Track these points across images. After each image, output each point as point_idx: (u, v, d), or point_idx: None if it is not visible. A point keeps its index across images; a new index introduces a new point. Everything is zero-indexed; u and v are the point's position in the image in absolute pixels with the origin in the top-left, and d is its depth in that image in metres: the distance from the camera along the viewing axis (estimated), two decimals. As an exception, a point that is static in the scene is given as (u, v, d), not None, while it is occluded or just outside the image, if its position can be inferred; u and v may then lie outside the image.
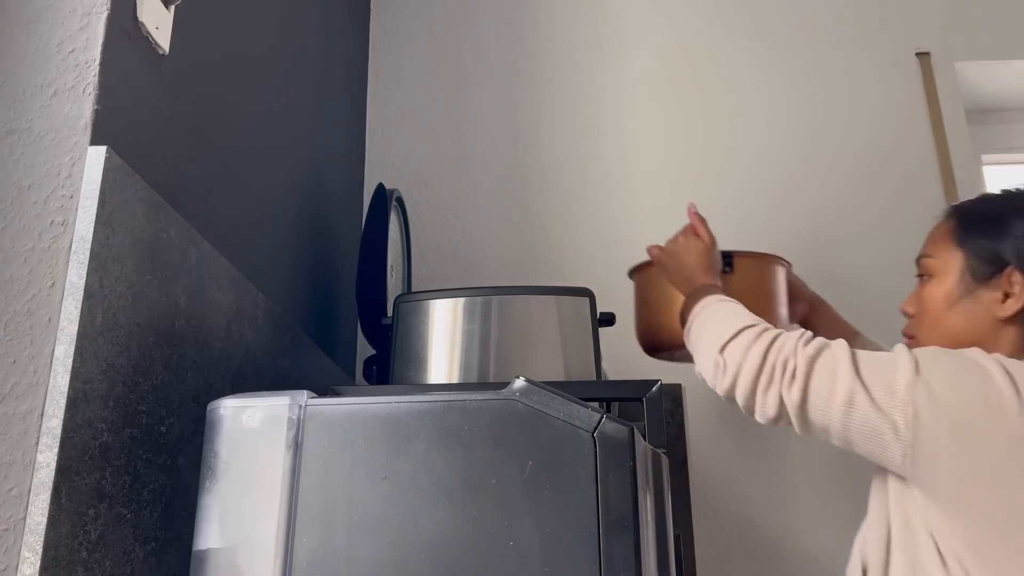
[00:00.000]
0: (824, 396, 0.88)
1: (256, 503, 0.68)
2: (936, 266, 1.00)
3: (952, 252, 0.99)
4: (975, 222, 0.99)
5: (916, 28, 1.91)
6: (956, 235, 0.99)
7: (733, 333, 0.97)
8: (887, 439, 0.85)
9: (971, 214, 1.01)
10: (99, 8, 0.75)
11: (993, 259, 0.95)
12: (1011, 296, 0.93)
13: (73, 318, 0.66)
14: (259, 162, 1.15)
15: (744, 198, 1.79)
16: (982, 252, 0.96)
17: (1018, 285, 0.93)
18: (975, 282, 0.96)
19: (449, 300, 1.13)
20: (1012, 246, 0.94)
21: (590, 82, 1.88)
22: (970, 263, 0.97)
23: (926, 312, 1.00)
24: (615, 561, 0.64)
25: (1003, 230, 0.95)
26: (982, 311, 0.95)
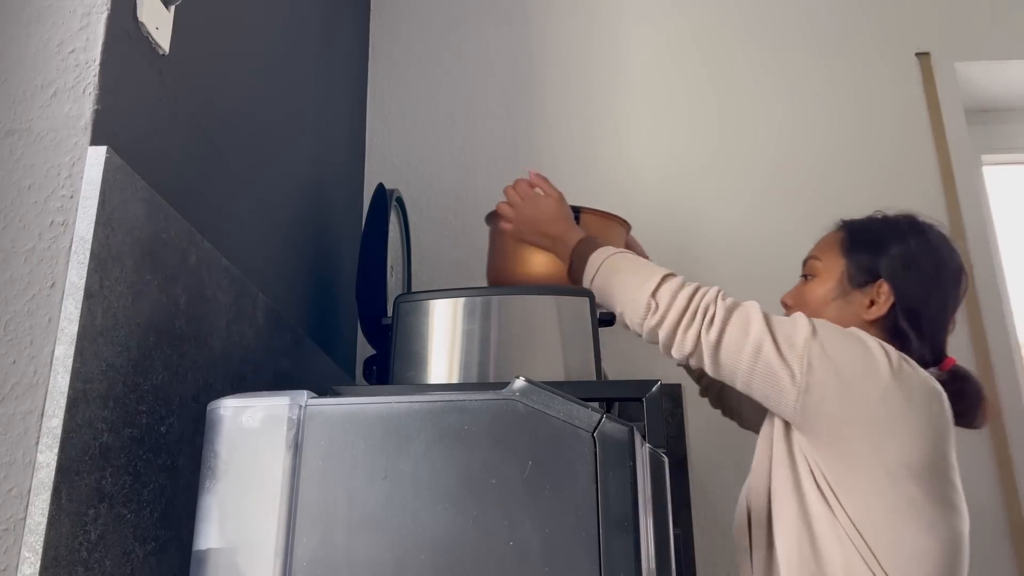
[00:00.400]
0: (736, 340, 1.01)
1: (256, 503, 0.68)
2: (821, 268, 1.16)
3: (837, 259, 1.15)
4: (861, 238, 1.15)
5: (916, 28, 1.91)
6: (843, 246, 1.15)
7: (660, 279, 1.08)
8: (784, 384, 0.98)
9: (859, 231, 1.17)
10: (99, 8, 0.75)
11: (869, 271, 1.12)
12: (876, 303, 1.10)
13: (73, 318, 0.66)
14: (259, 162, 1.15)
15: (744, 197, 1.79)
16: (862, 264, 1.12)
17: (884, 295, 1.10)
18: (851, 287, 1.12)
19: (449, 300, 1.13)
20: (887, 263, 1.11)
21: (590, 82, 1.88)
22: (850, 271, 1.13)
23: (805, 305, 1.15)
24: (615, 561, 0.64)
25: (882, 249, 1.12)
26: (852, 312, 1.11)
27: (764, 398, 1.00)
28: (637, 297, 1.07)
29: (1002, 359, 1.66)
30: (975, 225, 1.75)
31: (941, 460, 0.97)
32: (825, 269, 1.15)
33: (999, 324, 1.68)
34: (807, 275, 1.18)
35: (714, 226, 1.77)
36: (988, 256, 1.74)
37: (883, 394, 0.96)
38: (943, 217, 1.77)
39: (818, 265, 1.16)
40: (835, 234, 1.18)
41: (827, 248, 1.17)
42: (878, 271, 1.11)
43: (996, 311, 1.69)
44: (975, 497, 1.40)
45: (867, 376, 0.97)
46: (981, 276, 1.71)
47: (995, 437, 1.61)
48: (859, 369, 0.97)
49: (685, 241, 1.76)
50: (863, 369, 0.97)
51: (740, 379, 1.01)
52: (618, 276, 1.12)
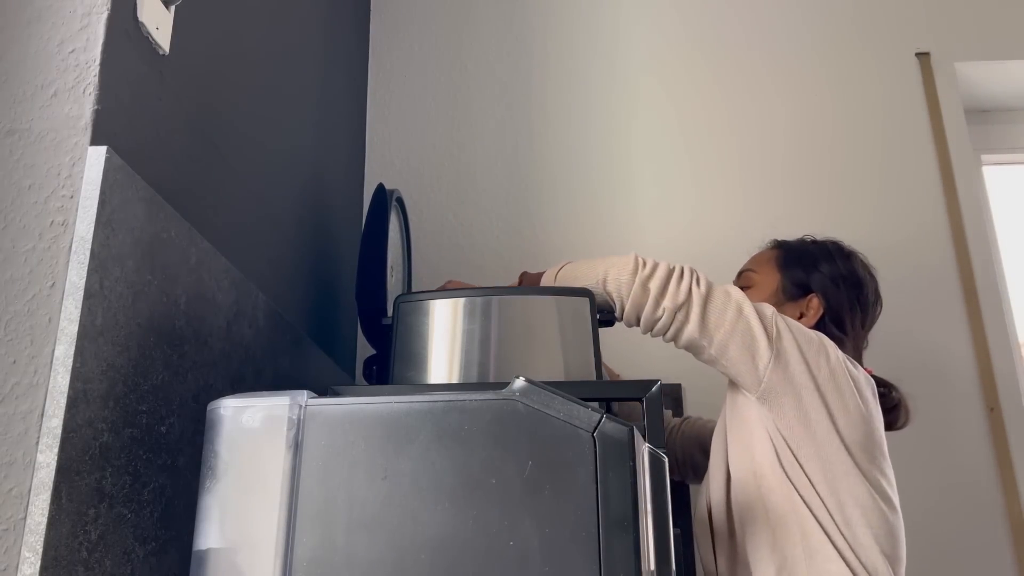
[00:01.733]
0: (722, 300, 1.08)
1: (256, 503, 0.68)
2: (757, 280, 1.27)
3: (772, 273, 1.26)
4: (794, 256, 1.26)
5: (916, 28, 1.91)
6: (778, 262, 1.27)
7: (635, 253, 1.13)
8: (761, 346, 1.05)
9: (792, 250, 1.28)
10: (99, 8, 0.75)
11: (801, 285, 1.24)
12: (805, 316, 1.21)
13: (73, 318, 0.66)
14: (259, 162, 1.15)
15: (744, 197, 1.79)
16: (795, 278, 1.24)
17: (813, 309, 1.22)
18: (784, 299, 1.23)
19: (449, 300, 1.13)
20: (818, 279, 1.23)
21: (590, 82, 1.89)
22: (784, 284, 1.24)
23: None
24: (615, 561, 0.64)
25: (813, 266, 1.24)
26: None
27: (735, 361, 1.06)
28: (623, 260, 1.12)
29: (1002, 359, 1.66)
30: (975, 225, 1.75)
31: (878, 448, 1.08)
32: (761, 281, 1.26)
33: (999, 324, 1.68)
34: (743, 286, 1.25)
35: (713, 224, 1.77)
36: (988, 256, 1.74)
37: (832, 371, 1.07)
38: (943, 217, 1.77)
39: (754, 277, 1.27)
40: (770, 251, 1.30)
41: (763, 263, 1.28)
42: (809, 286, 1.23)
43: (996, 311, 1.69)
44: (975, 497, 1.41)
45: (819, 353, 1.08)
46: (981, 276, 1.71)
47: (995, 437, 1.61)
48: (814, 346, 1.08)
49: (684, 235, 1.76)
50: (816, 347, 1.08)
51: (718, 341, 1.06)
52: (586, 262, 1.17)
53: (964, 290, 1.71)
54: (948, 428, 1.63)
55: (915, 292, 1.71)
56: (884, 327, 1.27)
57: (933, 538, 1.55)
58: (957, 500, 1.58)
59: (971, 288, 1.70)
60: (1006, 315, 1.73)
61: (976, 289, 1.70)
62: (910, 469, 1.60)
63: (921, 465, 1.60)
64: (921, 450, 1.60)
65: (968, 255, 1.73)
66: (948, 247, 1.74)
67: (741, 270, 1.31)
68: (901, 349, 1.64)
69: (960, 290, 1.71)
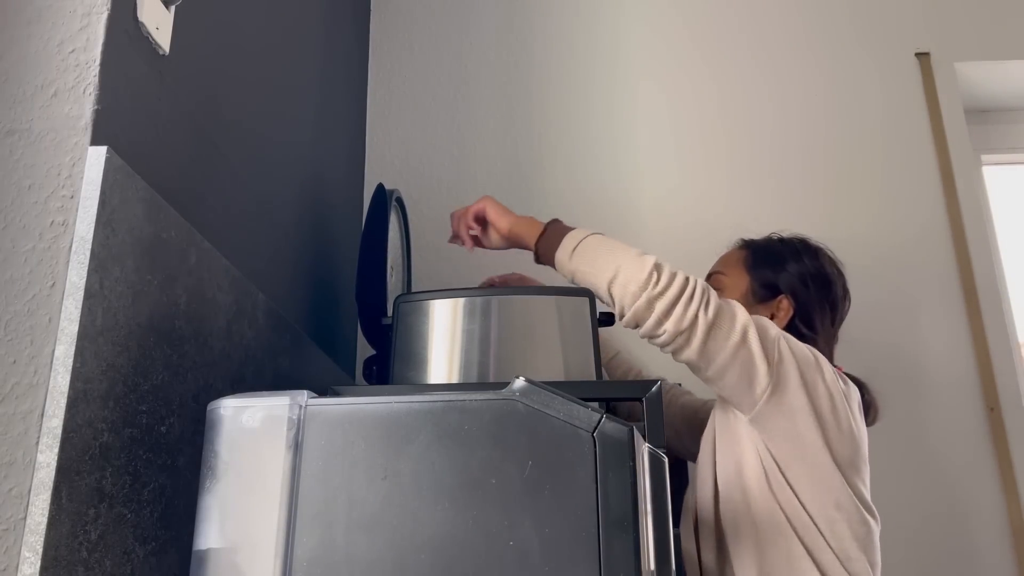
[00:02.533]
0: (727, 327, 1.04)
1: (256, 503, 0.68)
2: (727, 283, 1.25)
3: (742, 276, 1.25)
4: (762, 256, 1.25)
5: (916, 28, 1.92)
6: (747, 263, 1.26)
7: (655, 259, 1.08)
8: (760, 374, 1.03)
9: (761, 250, 1.27)
10: (99, 8, 0.75)
11: (771, 287, 1.23)
12: (775, 317, 1.20)
13: (73, 318, 0.66)
14: (259, 162, 1.15)
15: (743, 197, 1.79)
16: (764, 280, 1.23)
17: (783, 310, 1.21)
18: (754, 301, 1.22)
19: (449, 300, 1.13)
20: (786, 279, 1.22)
21: (590, 81, 1.88)
22: (753, 286, 1.23)
23: None
24: (615, 561, 0.64)
25: (781, 266, 1.23)
26: None
27: (731, 386, 1.05)
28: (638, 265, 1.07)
29: (1002, 359, 1.66)
30: (975, 225, 1.75)
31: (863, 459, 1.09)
32: (731, 284, 1.25)
33: (999, 324, 1.68)
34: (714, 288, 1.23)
35: (713, 224, 1.77)
36: (988, 256, 1.74)
37: (828, 390, 1.07)
38: (943, 217, 1.77)
39: (724, 280, 1.26)
40: (738, 252, 1.29)
41: (731, 265, 1.27)
42: (779, 287, 1.22)
43: (996, 311, 1.69)
44: (975, 497, 1.41)
45: (817, 373, 1.07)
46: (981, 276, 1.71)
47: (995, 437, 1.61)
48: (812, 368, 1.07)
49: (684, 234, 1.76)
50: (814, 368, 1.07)
51: (716, 365, 1.04)
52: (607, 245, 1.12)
53: (964, 290, 1.71)
54: (948, 428, 1.63)
55: (915, 292, 1.71)
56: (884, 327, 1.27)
57: (933, 538, 1.55)
58: (957, 500, 1.58)
59: (971, 288, 1.70)
60: (1006, 315, 1.73)
61: (976, 289, 1.70)
62: (910, 469, 1.60)
63: (921, 465, 1.60)
64: (921, 450, 1.60)
65: (968, 255, 1.73)
66: (948, 247, 1.74)
67: (710, 272, 1.30)
68: (901, 349, 1.64)
69: (960, 290, 1.71)
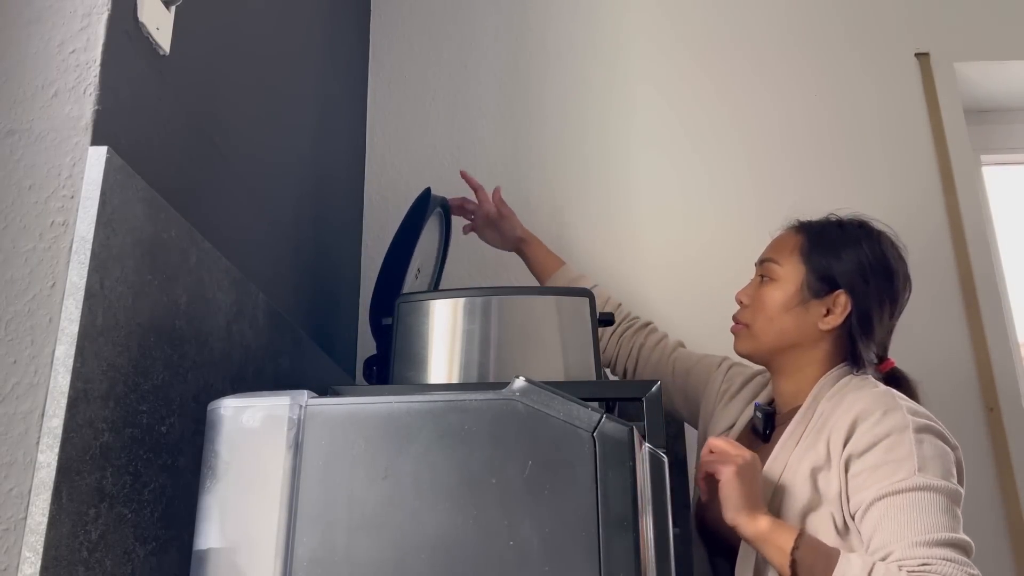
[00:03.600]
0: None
1: (256, 503, 0.68)
2: (780, 273, 1.17)
3: (797, 266, 1.16)
4: (819, 245, 1.17)
5: (916, 28, 1.92)
6: (803, 252, 1.17)
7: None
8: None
9: (816, 236, 1.18)
10: (100, 9, 0.75)
11: (828, 280, 1.14)
12: (832, 313, 1.13)
13: (74, 318, 0.66)
14: (259, 162, 1.15)
15: (743, 198, 1.79)
16: (821, 272, 1.15)
17: (840, 307, 1.13)
18: (810, 295, 1.14)
19: (449, 300, 1.13)
20: (845, 273, 1.13)
21: (590, 82, 1.88)
22: (809, 279, 1.15)
23: (763, 309, 1.17)
24: (615, 561, 0.64)
25: (840, 257, 1.14)
26: (809, 320, 1.15)
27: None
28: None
29: (1002, 359, 1.66)
30: (974, 225, 1.75)
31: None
32: (785, 275, 1.17)
33: (999, 324, 1.68)
34: (764, 276, 1.19)
35: (712, 224, 1.77)
36: (988, 256, 1.74)
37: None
38: (943, 217, 1.77)
39: (778, 270, 1.18)
40: (793, 237, 1.20)
41: (786, 253, 1.19)
42: (836, 281, 1.14)
43: (996, 311, 1.69)
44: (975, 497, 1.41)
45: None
46: (981, 276, 1.71)
47: (995, 437, 1.61)
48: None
49: (683, 235, 1.76)
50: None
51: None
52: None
53: (963, 290, 1.71)
54: (947, 428, 1.63)
55: (914, 292, 1.70)
56: (884, 327, 1.27)
57: (933, 538, 1.55)
58: (957, 500, 1.58)
59: (970, 288, 1.70)
60: (1005, 315, 1.73)
61: (975, 289, 1.70)
62: (910, 469, 1.60)
63: (921, 465, 1.60)
64: (921, 450, 1.60)
65: (968, 255, 1.73)
66: (948, 247, 1.74)
67: (762, 258, 1.22)
68: (900, 349, 1.64)
69: (959, 290, 1.71)
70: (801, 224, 1.22)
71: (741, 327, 1.21)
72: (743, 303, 1.22)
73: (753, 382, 1.29)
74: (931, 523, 0.94)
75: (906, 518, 0.95)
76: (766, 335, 1.17)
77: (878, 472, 0.99)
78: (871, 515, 0.97)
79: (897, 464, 0.99)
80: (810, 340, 1.15)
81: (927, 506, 0.95)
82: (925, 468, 0.98)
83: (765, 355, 1.19)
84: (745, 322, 1.20)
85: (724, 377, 1.32)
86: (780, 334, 1.16)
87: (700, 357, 1.39)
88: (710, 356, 1.38)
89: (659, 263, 1.74)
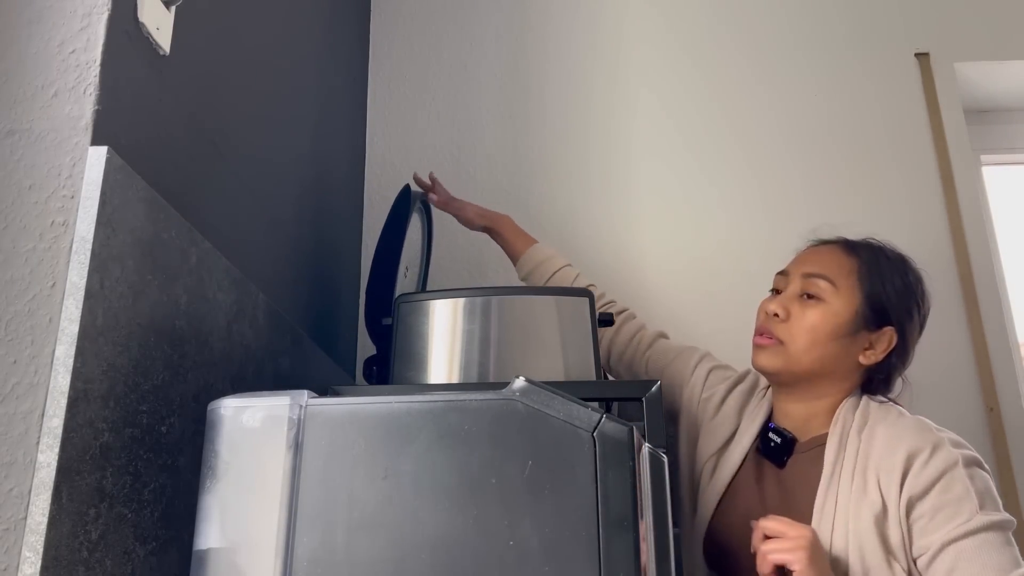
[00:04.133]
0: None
1: (256, 503, 0.68)
2: (833, 296, 1.07)
3: (853, 291, 1.08)
4: (877, 274, 1.08)
5: (916, 28, 1.92)
6: (860, 277, 1.08)
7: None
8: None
9: (874, 264, 1.09)
10: (100, 9, 0.75)
11: (882, 313, 1.07)
12: (873, 348, 1.07)
13: (74, 318, 0.66)
14: (259, 162, 1.16)
15: (743, 198, 1.79)
16: (877, 304, 1.07)
17: (885, 343, 1.07)
18: (860, 327, 1.07)
19: (449, 300, 1.13)
20: (898, 310, 1.07)
21: (590, 83, 1.89)
22: (864, 309, 1.07)
23: (810, 331, 1.07)
24: (615, 561, 0.64)
25: (892, 292, 1.07)
26: (852, 351, 1.08)
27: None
28: None
29: (1002, 359, 1.66)
30: (974, 225, 1.75)
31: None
32: (838, 299, 1.07)
33: (999, 324, 1.68)
34: (808, 293, 1.09)
35: (711, 224, 1.77)
36: (988, 256, 1.74)
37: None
38: (942, 217, 1.77)
39: (827, 289, 1.08)
40: (845, 258, 1.10)
41: (842, 273, 1.09)
42: (889, 315, 1.07)
43: (996, 311, 1.69)
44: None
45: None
46: (981, 276, 1.71)
47: (994, 437, 1.61)
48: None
49: (683, 235, 1.76)
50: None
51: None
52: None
53: (963, 290, 1.71)
54: (947, 428, 1.63)
55: (915, 292, 1.71)
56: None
57: (933, 538, 1.55)
58: (957, 500, 1.58)
59: (970, 288, 1.70)
60: (1005, 315, 1.73)
61: (975, 289, 1.70)
62: (910, 469, 1.60)
63: (921, 465, 1.60)
64: (921, 450, 1.60)
65: (967, 255, 1.73)
66: (947, 247, 1.74)
67: (809, 272, 1.10)
68: (901, 349, 1.64)
69: (960, 290, 1.71)
70: (849, 244, 1.13)
71: (773, 342, 1.09)
72: (778, 315, 1.10)
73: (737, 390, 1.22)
74: (1004, 561, 0.94)
75: (980, 561, 0.94)
76: (805, 358, 1.07)
77: (939, 515, 0.97)
78: (941, 562, 0.95)
79: (958, 505, 0.97)
80: (845, 371, 1.09)
81: (996, 545, 0.95)
82: (984, 505, 0.96)
83: (791, 377, 1.10)
84: (780, 338, 1.09)
85: (704, 384, 1.24)
86: (819, 361, 1.07)
87: (675, 355, 1.29)
88: (685, 353, 1.29)
89: (660, 264, 1.74)
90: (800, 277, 1.11)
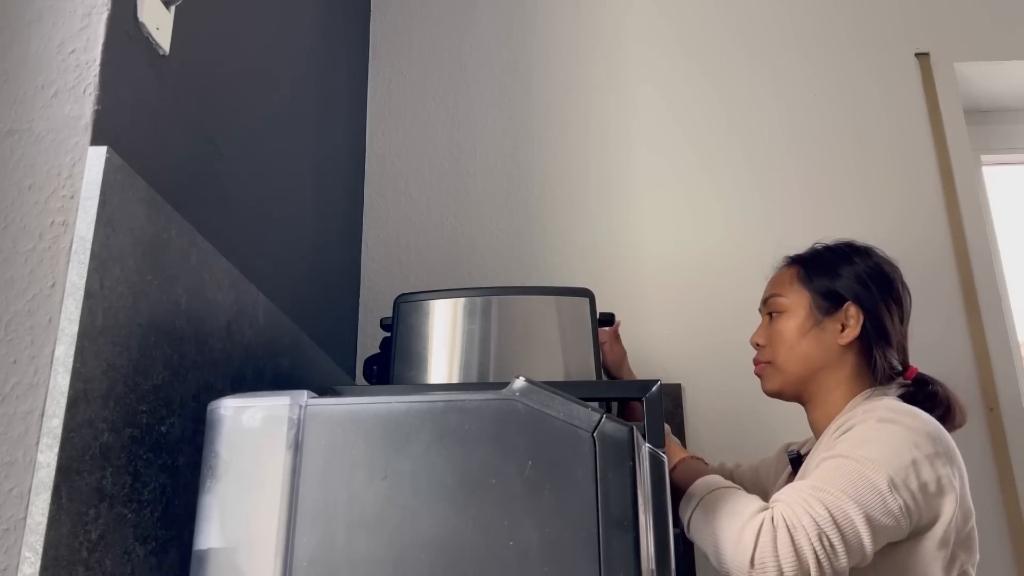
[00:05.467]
0: (857, 546, 0.96)
1: (256, 503, 0.68)
2: (787, 304, 1.18)
3: (800, 292, 1.18)
4: (816, 268, 1.19)
5: (916, 28, 1.92)
6: (801, 279, 1.19)
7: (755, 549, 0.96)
8: (902, 530, 0.98)
9: (810, 261, 1.20)
10: (100, 8, 0.75)
11: (833, 296, 1.16)
12: (847, 327, 1.14)
13: (73, 318, 0.66)
14: (259, 162, 1.15)
15: (743, 198, 1.79)
16: (824, 291, 1.16)
17: (853, 318, 1.14)
18: (821, 315, 1.16)
19: (449, 300, 1.13)
20: (847, 285, 1.16)
21: (590, 83, 1.89)
22: (815, 300, 1.16)
23: (781, 341, 1.17)
24: (615, 561, 0.64)
25: (838, 273, 1.17)
26: (827, 338, 1.15)
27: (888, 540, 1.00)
28: (740, 548, 0.97)
29: (1002, 359, 1.66)
30: (974, 225, 1.75)
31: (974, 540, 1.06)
32: (791, 304, 1.18)
33: (999, 324, 1.68)
34: (772, 312, 1.20)
35: (711, 225, 1.77)
36: (988, 256, 1.74)
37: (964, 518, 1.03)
38: (942, 217, 1.77)
39: (783, 301, 1.19)
40: (788, 270, 1.22)
41: (785, 284, 1.20)
42: (841, 294, 1.15)
43: (996, 311, 1.69)
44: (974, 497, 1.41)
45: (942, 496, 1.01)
46: (981, 276, 1.72)
47: (994, 437, 1.61)
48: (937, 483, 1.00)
49: (682, 235, 1.76)
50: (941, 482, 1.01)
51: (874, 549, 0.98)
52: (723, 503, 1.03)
53: (963, 290, 1.71)
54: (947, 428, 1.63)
55: (914, 292, 1.70)
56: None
57: (932, 538, 1.55)
58: (956, 500, 1.58)
59: (970, 288, 1.71)
60: (1005, 315, 1.73)
61: (975, 289, 1.70)
62: (910, 469, 1.60)
63: (921, 465, 1.59)
64: (921, 450, 1.60)
65: (967, 255, 1.73)
66: (947, 247, 1.75)
67: (765, 297, 1.23)
68: (901, 349, 1.64)
69: (959, 290, 1.71)
70: (791, 257, 1.24)
71: (764, 366, 1.20)
72: (760, 344, 1.21)
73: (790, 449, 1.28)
74: (835, 483, 0.97)
75: (820, 473, 0.99)
76: (791, 364, 1.16)
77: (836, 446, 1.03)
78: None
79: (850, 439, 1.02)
80: (834, 359, 1.15)
81: (848, 471, 0.98)
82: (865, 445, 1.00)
83: (795, 386, 1.17)
84: (766, 360, 1.19)
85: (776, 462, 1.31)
86: (804, 360, 1.15)
87: (753, 469, 1.35)
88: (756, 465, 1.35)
89: (660, 263, 1.74)
90: (764, 305, 1.24)
